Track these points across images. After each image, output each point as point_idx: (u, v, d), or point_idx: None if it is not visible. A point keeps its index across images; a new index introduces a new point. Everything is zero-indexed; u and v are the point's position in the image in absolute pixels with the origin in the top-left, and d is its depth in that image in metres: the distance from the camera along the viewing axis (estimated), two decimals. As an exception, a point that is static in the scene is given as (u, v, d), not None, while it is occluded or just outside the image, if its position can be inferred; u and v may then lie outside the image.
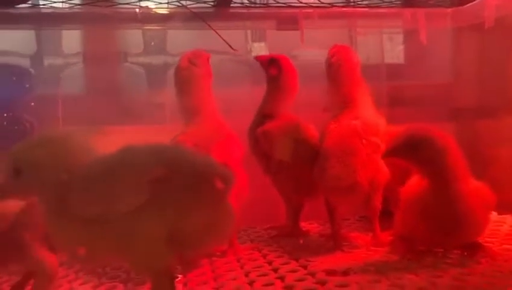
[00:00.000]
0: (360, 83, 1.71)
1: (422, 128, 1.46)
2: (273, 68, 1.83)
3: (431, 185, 1.44)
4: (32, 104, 2.10)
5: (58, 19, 2.04)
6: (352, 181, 1.53)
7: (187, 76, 1.65)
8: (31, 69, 2.14)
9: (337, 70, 1.70)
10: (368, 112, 1.68)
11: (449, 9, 2.19)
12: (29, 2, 1.96)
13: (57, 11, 1.98)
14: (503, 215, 1.90)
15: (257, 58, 1.90)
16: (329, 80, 1.72)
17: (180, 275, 1.44)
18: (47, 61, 2.20)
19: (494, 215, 1.79)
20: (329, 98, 1.73)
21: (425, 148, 1.42)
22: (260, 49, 2.32)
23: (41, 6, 2.02)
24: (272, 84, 1.84)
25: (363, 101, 1.69)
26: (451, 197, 1.40)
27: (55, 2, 1.96)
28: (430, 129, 1.46)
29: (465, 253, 1.49)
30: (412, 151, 1.44)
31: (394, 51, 2.42)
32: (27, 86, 2.13)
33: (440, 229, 1.42)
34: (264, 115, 1.82)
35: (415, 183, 1.49)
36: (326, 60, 1.74)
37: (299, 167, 1.71)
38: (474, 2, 2.09)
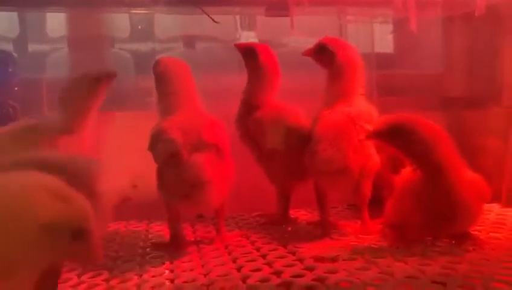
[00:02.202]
0: (359, 74, 1.71)
1: (408, 118, 1.45)
2: (250, 58, 1.81)
3: (424, 175, 1.43)
4: (16, 88, 2.05)
5: (42, 1, 1.99)
6: (342, 165, 1.52)
7: (166, 82, 1.64)
8: (14, 53, 2.09)
9: (336, 62, 1.68)
10: (362, 101, 1.68)
11: (440, -2, 2.19)
12: (12, -17, 1.91)
13: (41, -8, 1.94)
14: (490, 204, 1.90)
15: (236, 45, 1.87)
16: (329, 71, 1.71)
17: (166, 262, 1.43)
18: (31, 45, 2.15)
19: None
20: (325, 87, 1.72)
21: (407, 136, 1.42)
22: (249, 37, 2.30)
23: (24, -13, 1.97)
24: (252, 73, 1.82)
25: (358, 91, 1.69)
26: (444, 187, 1.40)
27: (38, -17, 1.92)
28: (415, 119, 1.45)
29: (454, 242, 1.49)
30: (395, 137, 1.44)
31: (384, 40, 2.41)
32: (10, 70, 2.09)
33: (434, 219, 1.42)
34: (251, 105, 1.80)
35: (410, 171, 1.48)
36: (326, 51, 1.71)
37: (291, 154, 1.70)
38: (465, -9, 2.08)
